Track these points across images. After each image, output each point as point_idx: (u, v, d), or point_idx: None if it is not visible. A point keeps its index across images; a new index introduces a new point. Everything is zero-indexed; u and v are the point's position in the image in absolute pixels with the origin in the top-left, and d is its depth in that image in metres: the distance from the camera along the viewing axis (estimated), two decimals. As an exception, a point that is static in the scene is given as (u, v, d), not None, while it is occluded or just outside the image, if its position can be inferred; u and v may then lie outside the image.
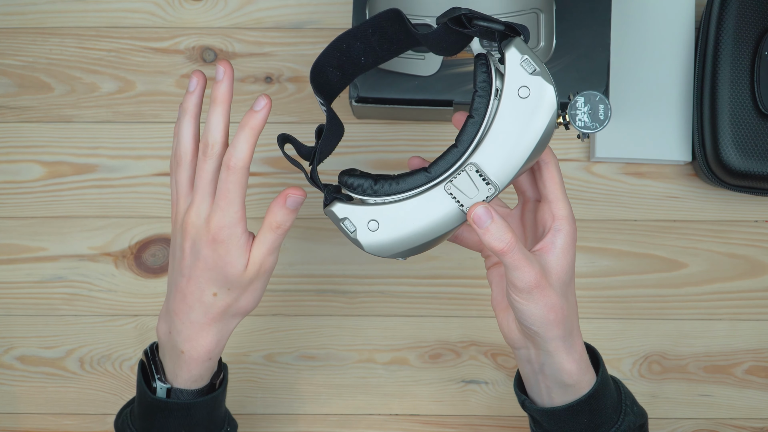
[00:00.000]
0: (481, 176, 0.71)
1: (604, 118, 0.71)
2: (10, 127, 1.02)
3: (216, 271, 0.74)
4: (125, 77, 1.02)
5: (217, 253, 0.74)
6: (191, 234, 0.74)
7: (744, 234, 1.00)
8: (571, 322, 0.75)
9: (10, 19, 1.02)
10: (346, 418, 1.01)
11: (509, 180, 0.71)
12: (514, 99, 0.71)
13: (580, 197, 1.00)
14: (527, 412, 0.81)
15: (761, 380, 1.00)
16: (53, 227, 1.01)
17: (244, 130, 0.73)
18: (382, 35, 0.77)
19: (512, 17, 0.90)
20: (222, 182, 0.73)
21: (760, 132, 0.95)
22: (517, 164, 0.71)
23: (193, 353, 0.77)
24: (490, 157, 0.71)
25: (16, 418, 1.01)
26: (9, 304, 1.01)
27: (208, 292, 0.75)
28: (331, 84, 0.81)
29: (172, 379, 0.79)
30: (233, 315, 0.77)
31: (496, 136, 0.71)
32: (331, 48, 0.78)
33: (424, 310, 1.01)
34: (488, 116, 0.71)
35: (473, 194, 0.71)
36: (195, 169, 0.76)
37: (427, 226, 0.73)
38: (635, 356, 1.00)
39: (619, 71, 0.98)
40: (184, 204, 0.76)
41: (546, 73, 0.71)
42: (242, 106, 1.01)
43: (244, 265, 0.75)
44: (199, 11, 1.02)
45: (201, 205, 0.74)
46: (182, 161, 0.76)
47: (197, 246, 0.74)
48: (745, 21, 0.95)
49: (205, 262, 0.74)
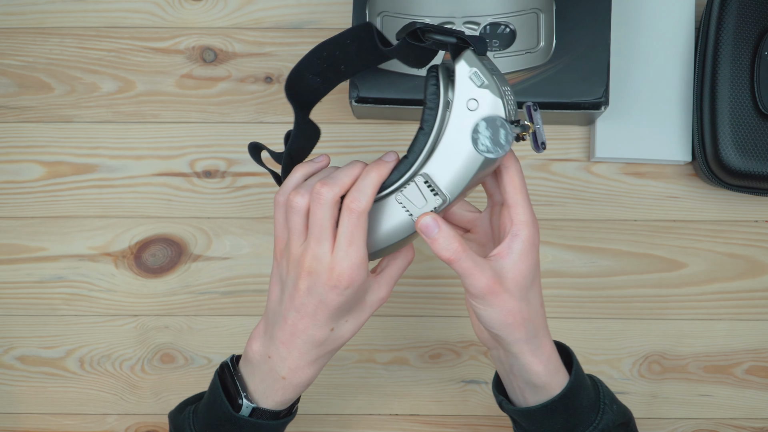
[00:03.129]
0: (430, 187, 0.72)
1: (505, 143, 0.70)
2: (10, 127, 1.02)
3: (340, 311, 0.76)
4: (125, 77, 1.02)
5: (344, 297, 0.74)
6: (310, 275, 0.74)
7: (744, 234, 1.00)
8: (535, 325, 0.76)
9: (10, 19, 1.02)
10: (346, 418, 1.01)
11: (460, 191, 0.72)
12: (463, 111, 0.71)
13: (580, 197, 1.00)
14: (505, 413, 0.82)
15: (761, 380, 1.00)
16: (53, 227, 1.01)
17: (370, 175, 0.73)
18: (360, 45, 0.79)
19: (512, 17, 0.90)
20: (343, 226, 0.73)
21: (760, 132, 0.95)
22: (466, 176, 0.71)
23: (294, 380, 0.78)
24: (439, 169, 0.72)
25: (16, 418, 1.01)
26: (9, 304, 1.01)
27: (325, 328, 0.77)
28: (311, 89, 0.82)
29: (259, 399, 0.79)
30: (341, 345, 0.79)
31: (446, 148, 0.72)
32: (312, 55, 0.80)
33: (424, 310, 1.01)
34: (436, 127, 0.72)
35: (421, 204, 0.73)
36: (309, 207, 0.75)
37: (380, 236, 0.75)
38: (635, 356, 1.00)
39: (619, 71, 0.98)
40: (298, 242, 0.75)
41: (494, 86, 0.71)
42: (242, 106, 1.01)
43: (363, 294, 0.77)
44: (199, 11, 1.02)
45: (319, 246, 0.74)
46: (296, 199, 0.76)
47: (317, 289, 0.74)
48: (745, 21, 0.95)
49: (328, 306, 0.75)
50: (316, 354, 0.78)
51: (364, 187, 0.73)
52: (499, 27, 0.91)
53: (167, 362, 1.01)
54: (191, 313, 1.01)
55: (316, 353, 0.78)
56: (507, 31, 0.91)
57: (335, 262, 0.73)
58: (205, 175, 1.01)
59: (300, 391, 0.80)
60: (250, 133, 1.01)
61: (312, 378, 0.79)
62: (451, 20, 0.90)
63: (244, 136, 1.01)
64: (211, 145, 1.01)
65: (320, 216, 0.73)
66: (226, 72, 1.01)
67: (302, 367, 0.78)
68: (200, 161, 1.01)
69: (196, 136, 1.01)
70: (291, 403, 0.81)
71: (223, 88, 1.01)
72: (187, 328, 1.01)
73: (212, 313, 1.01)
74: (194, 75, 1.02)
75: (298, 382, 0.79)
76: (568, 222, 1.00)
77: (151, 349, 1.01)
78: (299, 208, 0.75)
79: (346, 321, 0.77)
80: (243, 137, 1.01)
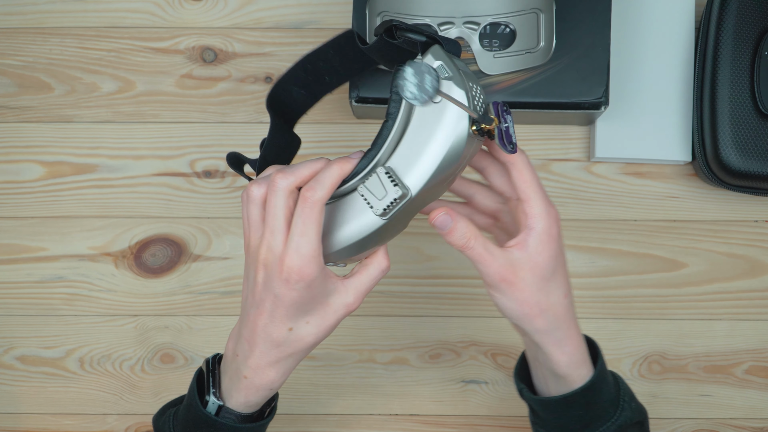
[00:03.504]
0: (391, 179, 0.71)
1: (430, 88, 0.69)
2: (10, 127, 1.02)
3: (297, 308, 0.73)
4: (125, 77, 1.02)
5: (296, 292, 0.72)
6: (265, 268, 0.73)
7: (744, 234, 1.00)
8: (556, 317, 0.76)
9: (10, 19, 1.02)
10: (346, 418, 1.01)
11: (423, 184, 0.71)
12: (429, 104, 0.71)
13: (580, 197, 1.00)
14: (524, 400, 0.82)
15: (761, 380, 1.00)
16: (53, 227, 1.01)
17: (330, 168, 0.72)
18: (342, 55, 0.79)
19: (512, 17, 0.90)
20: (298, 216, 0.71)
21: (760, 132, 0.95)
22: (429, 168, 0.70)
23: (256, 381, 0.76)
24: (402, 161, 0.71)
25: (16, 418, 1.01)
26: (9, 304, 1.01)
27: (282, 327, 0.74)
28: (297, 102, 0.82)
29: (226, 398, 0.78)
30: (305, 349, 0.76)
31: (410, 140, 0.71)
32: (296, 68, 0.80)
33: (424, 310, 1.01)
34: (400, 120, 0.71)
35: (381, 195, 0.71)
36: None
37: (342, 232, 0.73)
38: (635, 356, 1.00)
39: (619, 71, 0.98)
40: (256, 234, 0.74)
41: (459, 79, 0.70)
42: (242, 106, 1.01)
43: (326, 296, 0.74)
44: (199, 11, 1.02)
45: (272, 237, 0.72)
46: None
47: (271, 282, 0.72)
48: (745, 21, 0.95)
49: (283, 301, 0.72)
50: (277, 355, 0.75)
51: (323, 178, 0.71)
52: (499, 27, 0.91)
53: (167, 362, 1.01)
54: (191, 313, 1.01)
55: (276, 354, 0.75)
56: (507, 31, 0.91)
57: (285, 253, 0.71)
58: (205, 175, 1.01)
59: (264, 394, 0.77)
60: (250, 133, 1.01)
61: (274, 381, 0.76)
62: (451, 20, 0.90)
63: (244, 136, 1.01)
64: (211, 145, 1.01)
65: (273, 204, 0.72)
66: (226, 72, 1.01)
67: (263, 368, 0.76)
68: (200, 161, 1.01)
69: (196, 136, 1.01)
70: (260, 407, 0.79)
71: (223, 88, 1.01)
72: (187, 328, 1.01)
73: (212, 313, 1.01)
74: (194, 75, 1.02)
75: (259, 384, 0.76)
76: (568, 222, 1.00)
77: (151, 349, 1.01)
78: (255, 197, 0.73)
79: (306, 323, 0.74)
80: (243, 137, 1.01)
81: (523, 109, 0.93)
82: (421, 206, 0.74)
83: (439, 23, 0.90)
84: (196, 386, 0.79)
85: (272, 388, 0.77)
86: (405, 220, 0.74)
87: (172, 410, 0.82)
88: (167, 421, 0.81)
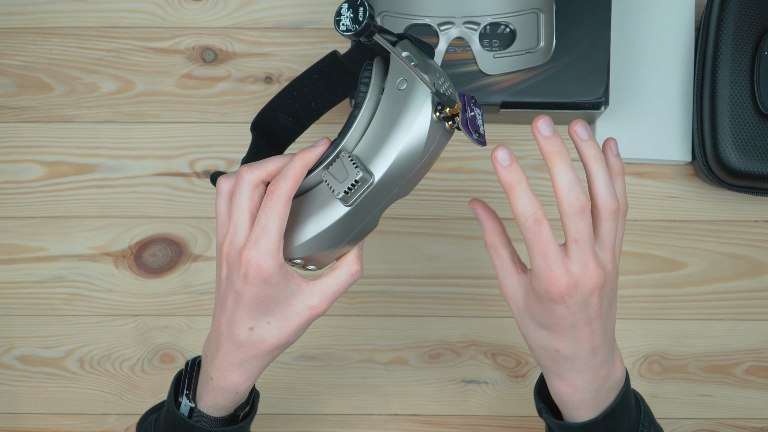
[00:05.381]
0: (354, 163, 0.70)
1: (363, 18, 0.67)
2: (10, 127, 1.02)
3: (256, 306, 0.72)
4: (125, 77, 1.02)
5: (255, 288, 0.70)
6: (227, 263, 0.72)
7: (744, 234, 1.00)
8: (549, 359, 0.72)
9: (10, 19, 1.02)
10: (345, 418, 1.01)
11: (386, 168, 0.70)
12: (394, 91, 0.71)
13: (580, 197, 1.00)
14: (543, 420, 0.79)
15: (761, 380, 1.00)
16: (53, 227, 1.01)
17: (294, 161, 0.70)
18: (327, 80, 0.79)
19: (512, 17, 0.90)
20: (261, 210, 0.70)
21: (760, 132, 0.95)
22: (392, 152, 0.70)
23: (221, 383, 0.75)
24: (367, 147, 0.70)
25: (16, 418, 1.01)
26: (9, 304, 1.01)
27: (243, 326, 0.72)
28: (285, 129, 0.82)
29: (198, 400, 0.77)
30: (268, 351, 0.74)
31: (375, 127, 0.71)
32: (283, 95, 0.80)
33: (424, 310, 1.01)
34: (367, 108, 0.71)
35: (342, 178, 0.70)
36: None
37: (307, 223, 0.72)
38: (635, 356, 1.00)
39: (619, 71, 0.98)
40: (223, 229, 0.73)
41: (424, 65, 0.70)
42: (242, 106, 1.01)
43: (288, 296, 0.72)
44: (199, 11, 1.02)
45: (236, 231, 0.71)
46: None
47: (232, 278, 0.71)
48: (745, 21, 0.95)
49: (243, 298, 0.71)
50: (240, 357, 0.74)
51: (286, 171, 0.70)
52: (499, 27, 0.91)
53: (167, 362, 1.01)
54: (191, 313, 1.01)
55: (239, 356, 0.74)
56: (507, 31, 0.91)
57: (245, 247, 0.70)
58: (205, 175, 1.01)
59: (230, 397, 0.76)
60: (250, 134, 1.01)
61: (239, 384, 0.75)
62: (451, 20, 0.90)
63: (244, 136, 1.01)
64: (211, 145, 1.01)
65: (237, 198, 0.71)
66: (226, 72, 1.01)
67: (227, 370, 0.74)
68: (200, 161, 1.01)
69: (196, 136, 1.01)
70: (232, 411, 0.77)
71: (223, 88, 1.01)
72: (187, 328, 1.01)
73: (212, 313, 1.01)
74: (194, 75, 1.02)
75: (225, 386, 0.75)
76: (568, 222, 1.00)
77: (151, 349, 1.01)
78: (223, 191, 0.73)
79: (267, 323, 0.72)
80: (243, 137, 1.01)
81: (523, 109, 0.93)
82: (387, 196, 0.72)
83: (439, 23, 0.90)
84: (174, 389, 0.78)
85: (238, 392, 0.75)
86: (373, 212, 0.72)
87: (153, 416, 0.82)
88: (149, 427, 0.81)
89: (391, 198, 0.72)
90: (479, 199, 0.73)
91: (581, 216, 0.67)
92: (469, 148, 1.00)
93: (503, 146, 0.68)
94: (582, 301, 0.69)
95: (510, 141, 1.00)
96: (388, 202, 0.72)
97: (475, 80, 0.91)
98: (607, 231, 0.69)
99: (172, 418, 0.77)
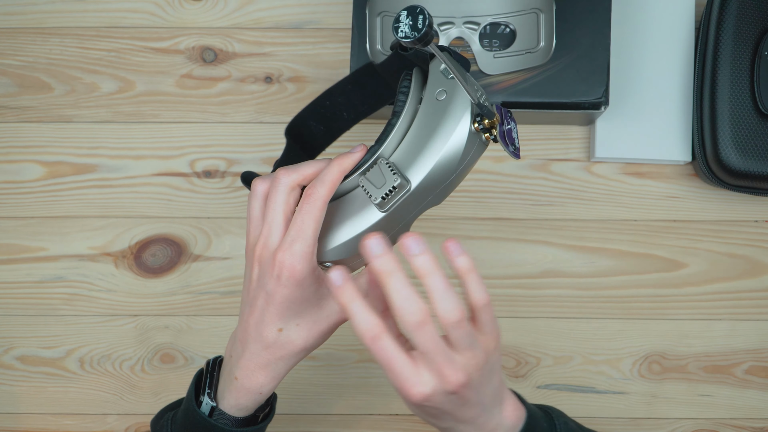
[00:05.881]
0: (392, 169, 0.71)
1: (422, 26, 0.68)
2: (10, 127, 1.02)
3: (287, 308, 0.72)
4: (125, 77, 1.02)
5: (287, 290, 0.71)
6: (259, 264, 0.72)
7: (744, 234, 1.00)
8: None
9: (10, 19, 1.02)
10: (346, 418, 1.01)
11: (424, 176, 0.71)
12: (433, 102, 0.72)
13: (580, 197, 1.00)
14: None
15: (761, 380, 1.00)
16: (53, 227, 1.01)
17: (332, 166, 0.71)
18: (362, 90, 0.80)
19: (512, 17, 0.90)
20: (297, 213, 0.70)
21: (760, 132, 0.95)
22: (430, 160, 0.71)
23: (246, 383, 0.75)
24: (405, 155, 0.71)
25: (16, 418, 1.01)
26: (9, 304, 1.01)
27: (272, 327, 0.73)
28: (315, 137, 0.82)
29: (220, 399, 0.77)
30: (295, 353, 0.74)
31: (413, 135, 0.72)
32: (315, 104, 0.80)
33: (424, 310, 1.00)
34: (405, 117, 0.72)
35: (380, 184, 0.71)
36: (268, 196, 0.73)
37: (342, 227, 0.73)
38: (635, 356, 1.00)
39: (619, 71, 0.98)
40: (256, 230, 0.73)
41: (464, 77, 0.71)
42: (242, 106, 1.01)
43: (319, 299, 0.72)
44: (199, 11, 1.02)
45: (270, 233, 0.71)
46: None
47: (264, 279, 0.71)
48: (745, 21, 0.95)
49: (274, 299, 0.71)
50: (267, 358, 0.74)
51: (324, 175, 0.71)
52: (499, 27, 0.91)
53: (167, 362, 1.01)
54: (191, 313, 1.01)
55: (266, 357, 0.74)
56: (507, 31, 0.91)
57: (280, 249, 0.70)
58: (205, 175, 1.01)
59: (254, 398, 0.76)
60: (250, 133, 1.01)
61: (263, 385, 0.75)
62: (451, 20, 0.90)
63: (244, 136, 1.01)
64: (211, 145, 1.01)
65: (273, 200, 0.71)
66: (226, 72, 1.01)
67: (253, 370, 0.75)
68: (200, 161, 1.01)
69: (196, 136, 1.01)
70: (252, 412, 0.78)
71: (223, 88, 1.01)
72: (187, 328, 1.01)
73: (212, 313, 1.01)
74: (194, 75, 1.02)
75: (249, 386, 0.75)
76: (568, 222, 1.00)
77: (151, 349, 1.01)
78: (258, 193, 0.73)
79: (297, 325, 0.73)
80: (243, 137, 1.01)
81: (523, 109, 0.93)
82: (422, 204, 0.73)
83: (439, 23, 0.90)
84: (194, 388, 0.79)
85: (262, 392, 0.76)
86: (406, 218, 0.74)
87: (170, 414, 0.82)
88: (165, 424, 0.81)
89: (424, 206, 0.73)
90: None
91: (422, 329, 0.65)
92: (469, 148, 1.00)
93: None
94: (444, 400, 0.67)
95: (510, 141, 1.00)
96: (421, 210, 0.74)
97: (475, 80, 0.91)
98: (457, 337, 0.66)
99: (192, 417, 0.77)
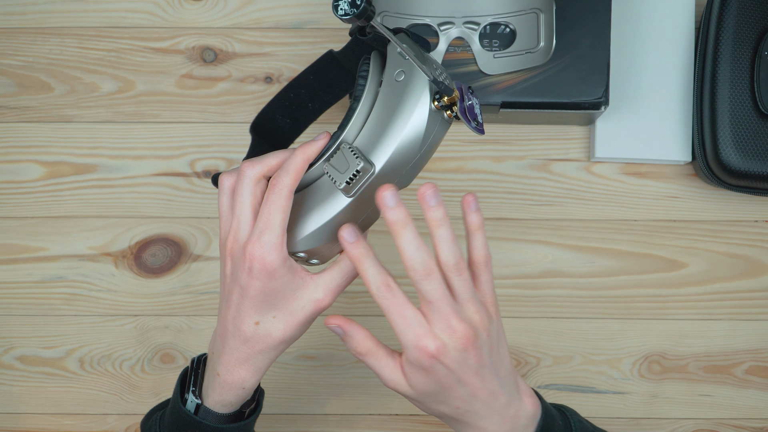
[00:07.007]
0: (355, 153, 0.70)
1: (361, 2, 0.69)
2: (10, 127, 1.02)
3: (262, 301, 0.72)
4: (125, 77, 1.02)
5: (260, 281, 0.71)
6: (231, 258, 0.72)
7: (744, 234, 1.00)
8: (451, 419, 0.73)
9: (10, 19, 1.02)
10: (345, 418, 1.01)
11: (387, 158, 0.70)
12: (392, 83, 0.71)
13: (580, 197, 1.00)
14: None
15: (761, 380, 1.00)
16: (53, 227, 1.01)
17: (295, 155, 0.71)
18: (323, 80, 0.80)
19: (512, 17, 0.90)
20: (264, 204, 0.70)
21: (760, 132, 0.95)
22: (392, 142, 0.70)
23: (228, 379, 0.75)
24: (367, 139, 0.71)
25: (16, 418, 1.01)
26: (9, 304, 1.01)
27: (249, 321, 0.73)
28: (283, 131, 0.82)
29: (204, 396, 0.77)
30: (274, 346, 0.74)
31: (375, 118, 0.71)
32: (279, 98, 0.80)
33: (424, 310, 1.00)
34: (366, 100, 0.72)
35: (344, 169, 0.70)
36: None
37: (309, 216, 0.72)
38: (635, 356, 1.00)
39: (619, 71, 0.98)
40: (226, 225, 0.73)
41: (422, 56, 0.71)
42: (242, 106, 1.01)
43: (293, 290, 0.72)
44: (199, 11, 1.02)
45: (239, 226, 0.71)
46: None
47: (237, 273, 0.72)
48: (745, 21, 0.95)
49: (248, 292, 0.71)
50: (246, 352, 0.74)
51: (288, 164, 0.70)
52: (499, 27, 0.91)
53: (167, 362, 1.01)
54: (191, 313, 1.01)
55: (245, 351, 0.74)
56: (507, 31, 0.91)
57: (249, 242, 0.70)
58: (205, 175, 1.01)
59: (237, 393, 0.76)
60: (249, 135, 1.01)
61: (247, 379, 0.75)
62: (451, 20, 0.90)
63: (244, 136, 1.01)
64: (211, 145, 1.01)
65: (240, 193, 0.71)
66: (226, 72, 1.01)
67: (233, 365, 0.74)
68: (200, 161, 1.01)
69: (196, 136, 1.01)
70: (238, 407, 0.78)
71: (223, 88, 1.01)
72: (187, 328, 1.01)
73: (212, 313, 1.01)
74: (194, 75, 1.02)
75: (231, 381, 0.75)
76: (568, 222, 1.00)
77: (151, 349, 1.01)
78: (225, 187, 0.73)
79: (273, 317, 0.72)
80: (243, 137, 1.01)
81: (523, 109, 0.93)
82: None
83: (439, 23, 0.90)
84: (180, 386, 0.79)
85: (245, 387, 0.76)
86: (374, 203, 0.72)
87: (158, 413, 0.82)
88: (154, 424, 0.81)
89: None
90: (337, 315, 0.72)
91: (429, 277, 0.68)
92: (469, 148, 1.00)
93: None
94: (457, 358, 0.69)
95: (510, 141, 1.00)
96: None
97: (475, 80, 0.91)
98: (459, 286, 0.69)
99: (178, 415, 0.77)
